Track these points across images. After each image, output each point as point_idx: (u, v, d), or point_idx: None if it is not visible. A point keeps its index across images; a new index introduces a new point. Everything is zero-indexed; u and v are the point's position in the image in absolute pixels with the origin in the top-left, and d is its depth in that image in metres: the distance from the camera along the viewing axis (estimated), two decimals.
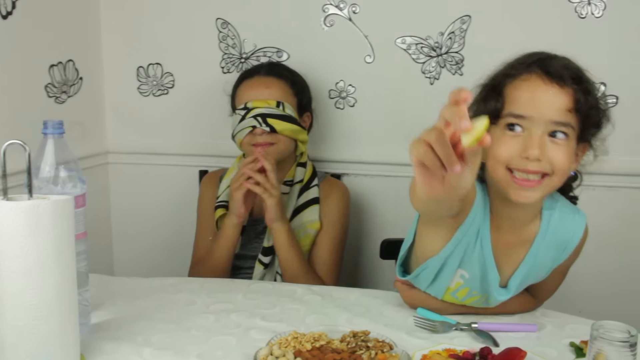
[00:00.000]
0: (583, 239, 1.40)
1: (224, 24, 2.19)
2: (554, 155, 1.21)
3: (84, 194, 1.29)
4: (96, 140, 2.33)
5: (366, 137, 2.15)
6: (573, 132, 1.23)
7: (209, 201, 1.98)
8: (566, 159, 1.23)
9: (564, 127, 1.21)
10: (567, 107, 1.21)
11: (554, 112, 1.21)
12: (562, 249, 1.38)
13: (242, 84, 1.92)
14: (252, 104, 1.83)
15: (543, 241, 1.35)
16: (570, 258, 1.42)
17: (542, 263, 1.38)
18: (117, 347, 1.26)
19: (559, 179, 1.25)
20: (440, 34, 2.03)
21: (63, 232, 1.09)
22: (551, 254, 1.38)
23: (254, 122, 1.82)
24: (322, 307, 1.50)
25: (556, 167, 1.22)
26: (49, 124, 1.23)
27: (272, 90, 1.87)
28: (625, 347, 1.00)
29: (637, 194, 1.97)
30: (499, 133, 1.24)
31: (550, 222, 1.35)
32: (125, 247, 2.45)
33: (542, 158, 1.20)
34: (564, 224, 1.37)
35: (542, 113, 1.20)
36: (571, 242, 1.38)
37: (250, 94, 1.87)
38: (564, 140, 1.22)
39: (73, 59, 2.15)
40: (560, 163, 1.22)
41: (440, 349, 1.25)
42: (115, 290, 1.59)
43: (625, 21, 1.90)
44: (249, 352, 1.24)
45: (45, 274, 1.07)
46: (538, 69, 1.24)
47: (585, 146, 1.31)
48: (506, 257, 1.37)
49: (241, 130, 1.84)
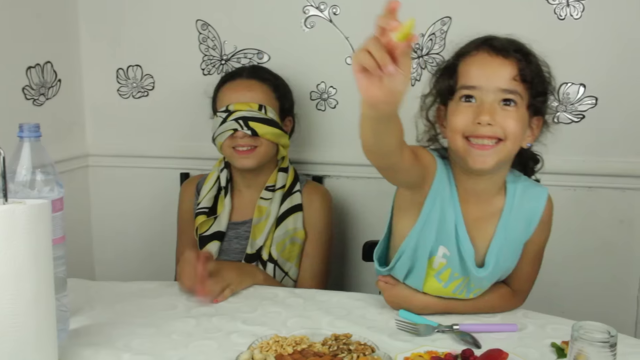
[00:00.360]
0: (548, 211, 1.46)
1: (204, 25, 2.18)
2: (504, 120, 1.32)
3: (61, 198, 1.27)
4: (76, 143, 2.31)
5: (348, 138, 2.13)
6: (521, 99, 1.34)
7: (187, 211, 1.98)
8: (516, 124, 1.33)
9: (511, 94, 1.33)
10: (512, 76, 1.33)
11: (501, 80, 1.33)
12: (529, 220, 1.44)
13: (224, 86, 1.90)
14: (234, 106, 1.82)
15: (510, 213, 1.43)
16: (539, 234, 1.46)
17: (513, 236, 1.44)
18: (96, 353, 1.25)
19: (512, 144, 1.34)
20: (420, 35, 2.03)
21: (40, 236, 1.08)
22: (520, 226, 1.44)
23: (236, 125, 1.80)
24: (303, 310, 1.50)
25: (508, 132, 1.32)
26: (25, 127, 1.22)
27: (254, 94, 1.85)
28: (605, 348, 1.01)
29: (616, 194, 1.98)
30: (455, 106, 1.37)
31: (515, 195, 1.44)
32: (106, 251, 2.43)
33: (493, 123, 1.31)
34: (528, 195, 1.45)
35: (490, 82, 1.33)
36: (536, 212, 1.44)
37: (232, 97, 1.85)
38: (514, 107, 1.34)
39: (51, 60, 2.13)
40: (510, 127, 1.32)
41: (422, 351, 1.25)
42: (94, 295, 1.57)
43: (604, 23, 1.91)
44: (230, 356, 1.23)
45: (22, 280, 1.06)
46: (485, 46, 1.37)
47: (539, 120, 1.41)
48: (478, 231, 1.44)
49: (222, 133, 1.83)
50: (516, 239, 1.45)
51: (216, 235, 1.88)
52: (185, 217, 1.98)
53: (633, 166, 1.96)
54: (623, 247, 2.00)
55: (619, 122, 1.95)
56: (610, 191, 1.99)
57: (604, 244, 2.01)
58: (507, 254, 1.45)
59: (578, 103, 1.96)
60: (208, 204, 1.90)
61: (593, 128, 1.97)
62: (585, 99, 1.96)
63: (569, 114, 1.97)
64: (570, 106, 1.97)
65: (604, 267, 2.02)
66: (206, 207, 1.89)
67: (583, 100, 1.96)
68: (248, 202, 1.91)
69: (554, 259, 2.03)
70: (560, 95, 1.97)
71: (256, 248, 1.84)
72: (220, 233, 1.88)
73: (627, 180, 1.96)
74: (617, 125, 1.96)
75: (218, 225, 1.88)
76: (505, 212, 1.43)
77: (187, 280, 1.57)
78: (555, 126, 1.48)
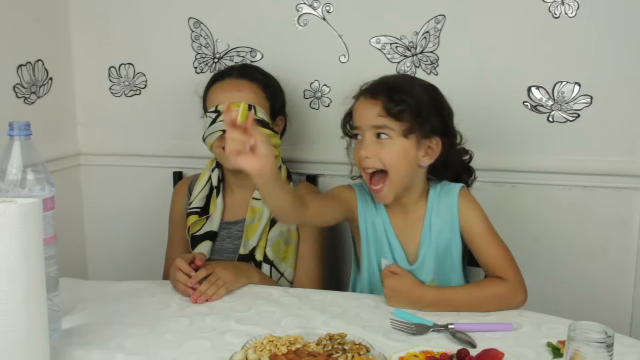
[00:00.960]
0: (463, 198, 1.63)
1: (197, 23, 2.17)
2: (380, 152, 1.55)
3: (52, 197, 1.26)
4: (67, 142, 2.29)
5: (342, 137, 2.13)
6: (393, 132, 1.55)
7: (178, 211, 1.97)
8: (393, 154, 1.55)
9: (381, 129, 1.55)
10: (379, 113, 1.55)
11: (370, 118, 1.56)
12: (450, 213, 1.62)
13: (214, 86, 1.89)
14: (224, 107, 1.81)
15: (432, 213, 1.63)
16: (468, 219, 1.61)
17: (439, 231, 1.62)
18: (88, 353, 1.24)
19: (396, 173, 1.56)
20: (414, 34, 2.02)
21: (31, 236, 1.07)
22: (443, 221, 1.62)
23: (225, 126, 1.79)
24: (298, 310, 1.49)
25: (386, 163, 1.55)
26: (15, 125, 1.21)
27: (244, 94, 1.83)
28: (602, 348, 1.00)
29: (611, 193, 1.98)
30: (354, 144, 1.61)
31: (434, 198, 1.64)
32: (99, 250, 2.41)
33: (370, 156, 1.55)
34: (443, 193, 1.64)
35: (363, 121, 1.58)
36: (453, 205, 1.62)
37: (222, 97, 1.83)
38: (388, 139, 1.55)
39: (42, 58, 2.11)
40: (387, 159, 1.55)
41: (417, 350, 1.25)
42: (86, 294, 1.56)
43: (599, 21, 1.91)
44: (223, 355, 1.22)
45: (13, 280, 1.04)
46: (366, 91, 1.62)
47: (437, 140, 1.60)
48: (408, 235, 1.65)
49: (211, 134, 1.81)
50: (445, 229, 1.63)
51: (208, 235, 1.86)
52: (176, 217, 1.98)
53: (628, 165, 1.95)
54: (619, 247, 2.00)
55: (615, 120, 1.95)
56: (605, 190, 1.98)
57: (600, 243, 2.01)
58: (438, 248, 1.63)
59: (573, 102, 1.96)
60: (200, 204, 1.89)
61: (588, 127, 1.96)
62: (580, 97, 1.95)
63: (563, 112, 1.97)
64: (565, 105, 1.97)
65: (600, 266, 2.02)
66: (198, 207, 1.88)
67: (578, 99, 1.96)
68: (240, 202, 1.90)
69: (549, 257, 2.04)
70: (555, 94, 1.96)
71: (249, 248, 1.83)
72: (213, 233, 1.86)
73: (622, 180, 1.96)
74: (612, 124, 1.95)
75: (210, 225, 1.87)
76: (427, 214, 1.64)
77: (181, 287, 1.59)
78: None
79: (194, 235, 1.87)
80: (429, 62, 2.03)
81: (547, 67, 1.96)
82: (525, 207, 2.03)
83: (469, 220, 1.62)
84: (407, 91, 1.58)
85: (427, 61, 2.03)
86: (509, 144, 1.83)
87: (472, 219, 1.62)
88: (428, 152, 1.60)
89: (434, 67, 2.03)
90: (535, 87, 1.97)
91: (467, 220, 1.62)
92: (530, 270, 1.66)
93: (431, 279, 1.63)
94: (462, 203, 1.63)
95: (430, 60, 2.02)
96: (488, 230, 1.61)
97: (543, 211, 2.04)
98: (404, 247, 1.65)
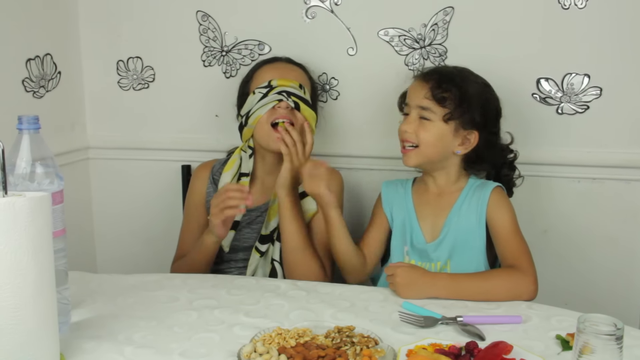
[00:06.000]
0: (494, 196, 1.70)
1: (205, 16, 2.17)
2: (419, 130, 1.68)
3: (61, 191, 1.26)
4: (76, 136, 2.30)
5: (350, 130, 2.13)
6: (435, 115, 1.68)
7: (199, 194, 1.96)
8: (429, 135, 1.68)
9: (425, 110, 1.68)
10: (425, 95, 1.68)
11: (418, 98, 1.69)
12: (478, 203, 1.70)
13: (263, 67, 1.92)
14: (277, 82, 1.83)
15: (464, 201, 1.72)
16: (496, 216, 1.68)
17: (467, 216, 1.70)
18: (97, 346, 1.24)
19: (427, 149, 1.69)
20: (423, 26, 2.01)
21: (40, 229, 1.07)
22: (473, 208, 1.71)
23: (280, 97, 1.80)
24: (306, 303, 1.49)
25: (420, 140, 1.68)
26: (24, 119, 1.21)
27: (296, 73, 1.90)
28: (612, 340, 1.00)
29: (620, 185, 1.97)
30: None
31: (470, 188, 1.74)
32: (108, 243, 2.42)
33: (410, 131, 1.69)
34: (477, 188, 1.74)
35: (412, 100, 1.72)
36: (483, 199, 1.70)
37: (275, 73, 1.86)
38: (428, 121, 1.68)
39: (51, 52, 2.12)
40: (422, 137, 1.68)
41: (426, 343, 1.24)
42: (95, 287, 1.57)
43: (609, 12, 1.90)
44: (232, 349, 1.23)
45: (23, 273, 1.05)
46: (420, 74, 1.75)
47: (476, 134, 1.70)
48: (433, 216, 1.75)
49: (263, 106, 1.81)
50: (469, 221, 1.70)
51: (232, 224, 1.85)
52: (196, 199, 1.96)
53: (637, 157, 1.94)
54: (628, 239, 1.99)
55: (624, 112, 1.94)
56: (614, 182, 1.97)
57: (609, 235, 2.00)
58: (458, 233, 1.70)
59: (582, 94, 1.95)
60: None
61: (598, 119, 1.96)
62: (589, 89, 1.94)
63: (573, 104, 1.96)
64: (575, 97, 1.96)
65: (609, 258, 2.01)
66: None
67: (587, 91, 1.95)
68: (264, 189, 1.91)
69: (558, 249, 2.03)
70: (564, 85, 1.95)
71: (270, 229, 1.84)
72: (236, 222, 1.86)
73: (632, 172, 1.95)
74: (622, 116, 1.94)
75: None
76: (458, 203, 1.73)
77: (233, 201, 1.69)
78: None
79: None
80: (438, 54, 2.02)
81: (556, 59, 1.95)
82: (534, 199, 2.03)
83: (495, 217, 1.69)
84: (457, 82, 1.69)
85: (435, 53, 2.02)
86: (518, 136, 1.82)
87: (498, 217, 1.69)
88: (464, 142, 1.71)
89: (443, 59, 2.02)
90: (545, 79, 1.97)
91: (493, 217, 1.69)
92: (539, 262, 1.66)
93: (445, 260, 1.71)
94: (493, 200, 1.70)
95: (438, 52, 2.02)
96: (513, 228, 1.68)
97: (552, 203, 2.03)
98: (423, 228, 1.75)
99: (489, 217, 1.69)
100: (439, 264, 1.71)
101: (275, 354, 1.17)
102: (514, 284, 1.54)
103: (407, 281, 1.53)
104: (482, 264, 1.70)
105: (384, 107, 2.06)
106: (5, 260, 1.03)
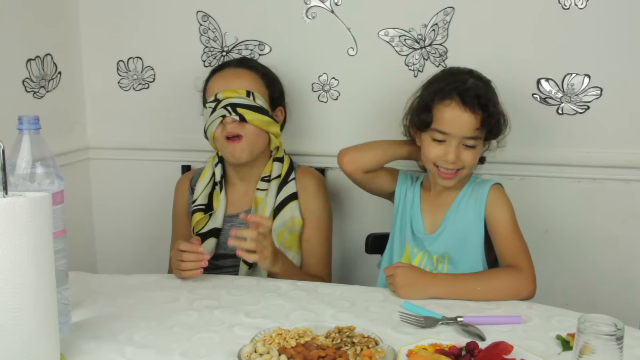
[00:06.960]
0: (493, 193, 1.71)
1: (205, 16, 2.17)
2: (464, 157, 1.66)
3: (62, 191, 1.26)
4: (76, 136, 2.30)
5: (350, 130, 2.13)
6: (480, 140, 1.68)
7: (181, 208, 1.98)
8: (473, 158, 1.69)
9: (472, 140, 1.66)
10: (476, 127, 1.64)
11: (467, 130, 1.64)
12: (477, 200, 1.71)
13: (213, 77, 1.90)
14: (222, 94, 1.81)
15: (464, 197, 1.74)
16: (494, 213, 1.69)
17: (466, 212, 1.71)
18: (98, 346, 1.25)
19: (469, 170, 1.71)
20: (423, 26, 2.01)
21: (40, 229, 1.07)
22: (472, 204, 1.72)
23: (224, 112, 1.79)
24: (307, 303, 1.49)
25: (466, 164, 1.68)
26: (24, 120, 1.21)
27: (243, 80, 1.85)
28: (612, 341, 1.00)
29: (621, 186, 1.97)
30: (429, 140, 1.69)
31: (470, 185, 1.76)
32: (108, 243, 2.42)
33: (456, 161, 1.66)
34: (477, 185, 1.75)
35: (458, 131, 1.64)
36: (482, 195, 1.71)
37: (221, 85, 1.84)
38: (473, 147, 1.67)
39: (51, 53, 2.12)
40: (469, 162, 1.68)
41: (426, 343, 1.24)
42: (96, 288, 1.57)
43: (609, 12, 1.90)
44: (232, 349, 1.23)
45: (23, 273, 1.05)
46: (457, 96, 1.64)
47: (487, 142, 1.74)
48: (434, 210, 1.77)
49: (212, 122, 1.82)
50: (468, 217, 1.71)
51: (213, 232, 1.87)
52: (178, 213, 1.99)
53: (638, 157, 1.94)
54: (628, 239, 1.99)
55: (624, 113, 1.94)
56: (615, 183, 1.97)
57: (609, 235, 2.00)
58: (456, 228, 1.71)
59: (583, 94, 1.95)
60: (204, 201, 1.89)
61: (598, 119, 1.96)
62: (590, 89, 1.94)
63: (573, 105, 1.96)
64: (575, 97, 1.96)
65: (609, 258, 2.01)
66: (202, 204, 1.89)
67: (588, 91, 1.95)
68: (242, 195, 1.91)
69: (558, 250, 2.03)
70: (564, 86, 1.95)
71: None
72: (217, 229, 1.87)
73: (632, 172, 1.95)
74: (622, 116, 1.94)
75: (214, 222, 1.87)
76: (458, 199, 1.74)
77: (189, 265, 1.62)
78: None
79: (198, 233, 1.87)
80: (438, 54, 2.02)
81: (556, 59, 1.95)
82: (534, 199, 2.03)
83: (494, 214, 1.69)
84: (494, 101, 1.69)
85: (435, 54, 2.02)
86: (518, 136, 1.82)
87: (497, 214, 1.69)
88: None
89: (443, 59, 2.02)
90: (545, 79, 1.96)
91: (491, 214, 1.70)
92: (539, 262, 1.66)
93: (442, 253, 1.72)
94: (492, 197, 1.70)
95: (439, 52, 2.02)
96: (511, 226, 1.68)
97: (552, 204, 2.03)
98: (425, 220, 1.77)
99: (487, 214, 1.70)
100: (435, 257, 1.73)
101: (275, 354, 1.17)
102: (512, 282, 1.54)
103: (407, 281, 1.53)
104: (479, 260, 1.70)
105: (384, 107, 2.06)
106: (6, 261, 1.03)
